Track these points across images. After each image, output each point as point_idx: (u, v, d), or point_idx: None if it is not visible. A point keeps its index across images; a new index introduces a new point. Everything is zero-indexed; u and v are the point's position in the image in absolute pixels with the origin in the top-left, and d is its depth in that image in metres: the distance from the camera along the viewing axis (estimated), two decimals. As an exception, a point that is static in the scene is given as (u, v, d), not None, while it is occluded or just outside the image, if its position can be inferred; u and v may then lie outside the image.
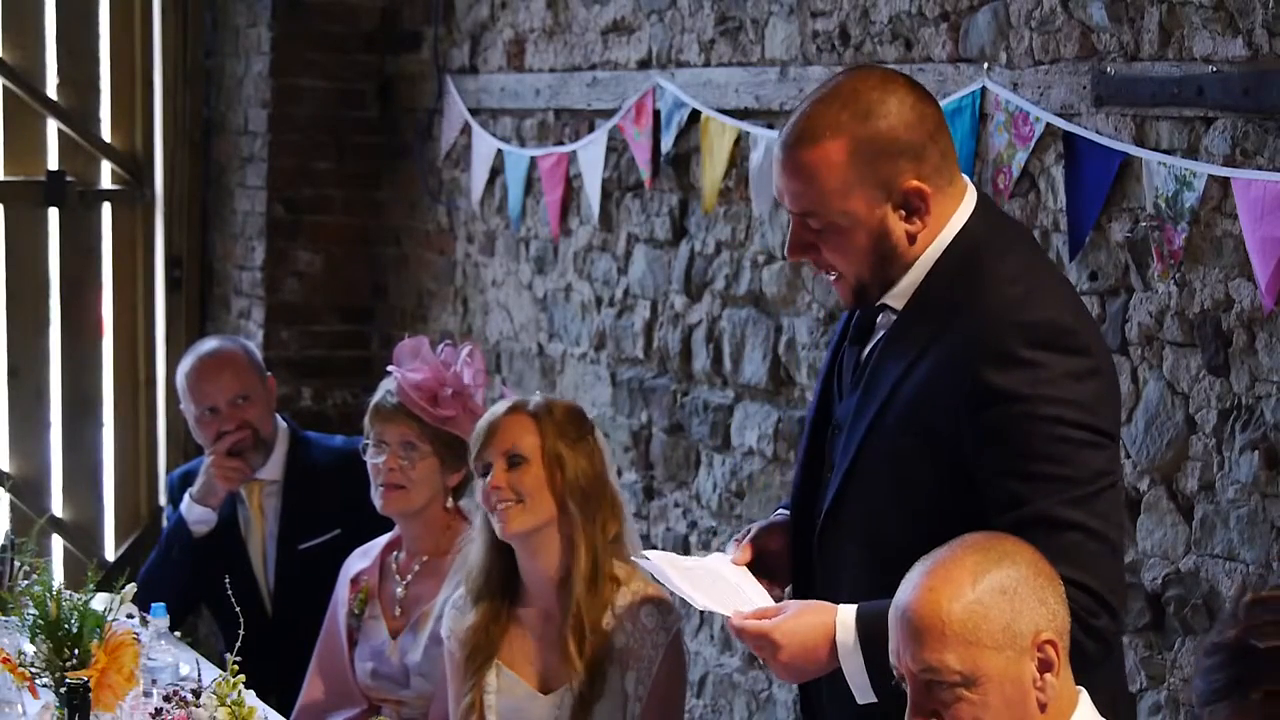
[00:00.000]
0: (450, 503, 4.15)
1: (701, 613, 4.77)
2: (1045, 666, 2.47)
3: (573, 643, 3.55)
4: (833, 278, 2.87)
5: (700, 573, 2.99)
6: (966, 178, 2.88)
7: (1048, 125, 3.65)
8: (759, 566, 3.05)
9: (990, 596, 2.46)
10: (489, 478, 3.62)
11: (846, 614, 2.74)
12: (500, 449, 3.63)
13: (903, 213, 2.77)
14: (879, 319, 2.88)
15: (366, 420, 4.20)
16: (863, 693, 2.74)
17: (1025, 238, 3.02)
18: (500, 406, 3.71)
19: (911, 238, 2.79)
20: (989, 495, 2.69)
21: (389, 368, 4.18)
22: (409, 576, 4.15)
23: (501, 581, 3.69)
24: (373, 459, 4.15)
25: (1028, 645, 2.46)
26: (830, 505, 2.89)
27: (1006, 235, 2.87)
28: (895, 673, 2.54)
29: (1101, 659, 2.70)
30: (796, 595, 3.00)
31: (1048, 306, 2.74)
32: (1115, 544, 2.71)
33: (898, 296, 2.83)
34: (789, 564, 3.04)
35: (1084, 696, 2.56)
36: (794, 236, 2.84)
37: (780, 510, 3.16)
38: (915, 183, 2.76)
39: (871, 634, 2.69)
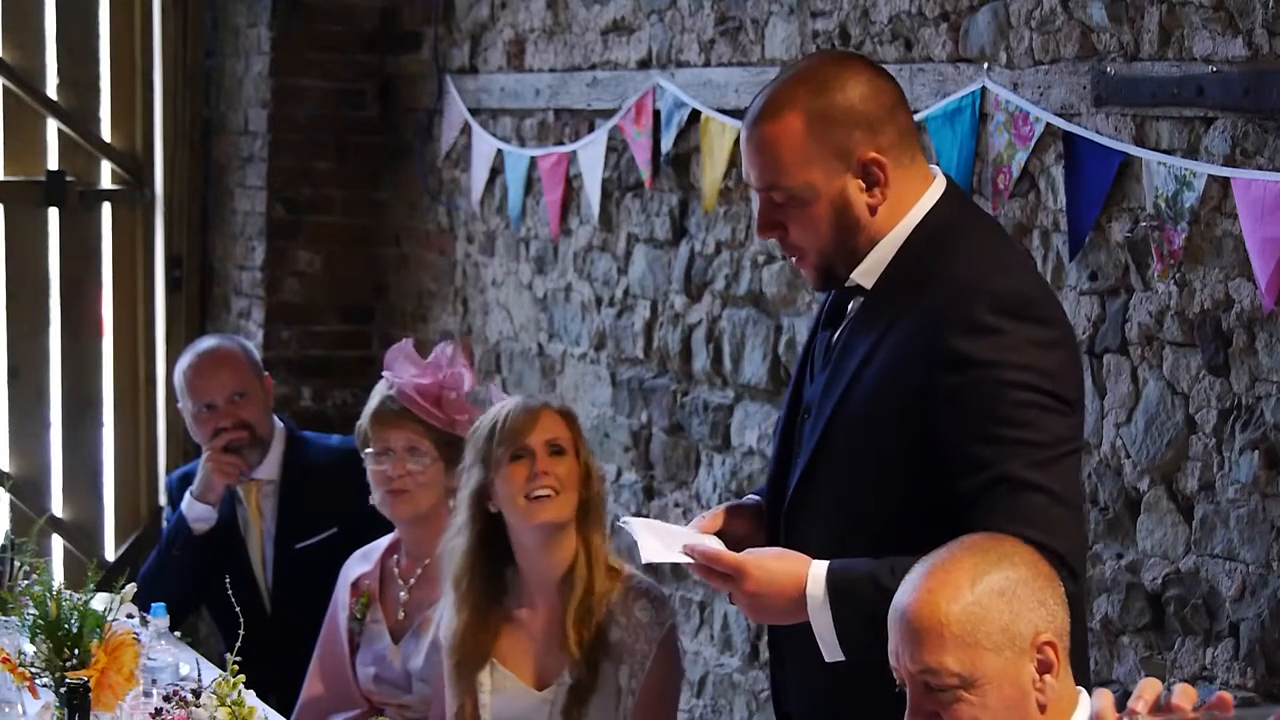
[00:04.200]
0: (452, 503, 4.13)
1: (701, 611, 4.77)
2: (1045, 668, 2.47)
3: (575, 636, 3.56)
4: (799, 259, 2.92)
5: (674, 537, 3.01)
6: (936, 167, 2.93)
7: (1048, 125, 3.65)
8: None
9: (989, 598, 2.46)
10: (524, 464, 3.61)
11: (819, 569, 2.77)
12: (542, 437, 3.63)
13: (862, 183, 2.83)
14: (850, 303, 2.93)
15: (365, 426, 4.16)
16: (830, 650, 2.77)
17: (993, 224, 3.08)
18: (527, 400, 3.73)
19: (872, 210, 2.84)
20: (952, 461, 2.71)
21: (384, 372, 4.17)
22: (411, 580, 4.14)
23: (488, 580, 3.68)
24: (376, 466, 4.14)
25: (1027, 646, 2.46)
26: (796, 488, 2.93)
27: (975, 220, 2.94)
28: (895, 675, 2.54)
29: None
30: None
31: (1013, 278, 2.80)
32: (1077, 508, 2.76)
33: (867, 274, 2.87)
34: (756, 546, 3.04)
35: (1084, 697, 2.55)
36: (761, 214, 2.90)
37: (752, 495, 3.18)
38: (873, 153, 2.81)
39: (841, 592, 2.74)
